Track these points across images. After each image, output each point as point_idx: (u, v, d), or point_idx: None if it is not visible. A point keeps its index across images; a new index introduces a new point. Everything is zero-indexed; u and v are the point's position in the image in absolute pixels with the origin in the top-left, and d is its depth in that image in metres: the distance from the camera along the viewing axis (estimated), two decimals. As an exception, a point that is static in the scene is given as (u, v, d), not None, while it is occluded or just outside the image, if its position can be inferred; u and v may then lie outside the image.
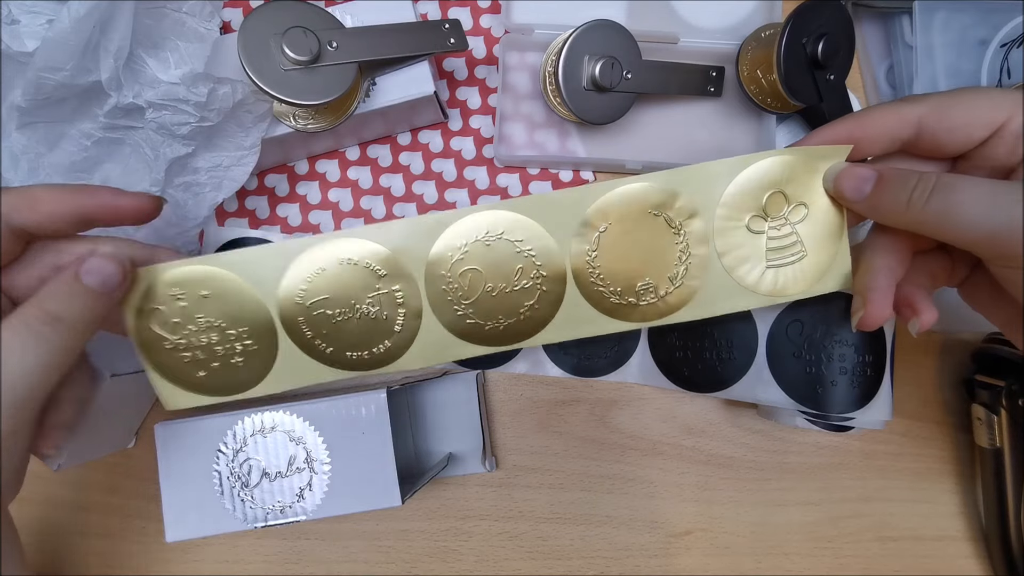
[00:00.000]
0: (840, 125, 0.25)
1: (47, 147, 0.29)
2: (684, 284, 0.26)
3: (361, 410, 0.31)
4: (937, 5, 0.36)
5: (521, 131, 0.38)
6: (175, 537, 0.30)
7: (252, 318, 0.25)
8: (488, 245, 0.25)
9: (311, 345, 0.26)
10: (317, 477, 0.30)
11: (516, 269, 0.26)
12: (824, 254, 0.27)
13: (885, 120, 0.25)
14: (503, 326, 0.26)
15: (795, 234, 0.26)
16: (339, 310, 0.25)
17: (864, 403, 0.31)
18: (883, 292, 0.25)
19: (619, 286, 0.26)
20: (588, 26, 0.33)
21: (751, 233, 0.26)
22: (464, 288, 0.26)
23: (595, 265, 0.26)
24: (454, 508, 0.37)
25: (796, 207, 0.26)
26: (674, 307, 0.27)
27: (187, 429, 0.31)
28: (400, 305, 0.26)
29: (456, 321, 0.26)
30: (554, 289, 0.26)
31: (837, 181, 0.25)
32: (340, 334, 0.26)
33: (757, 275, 0.27)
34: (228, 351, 0.26)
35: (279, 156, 0.37)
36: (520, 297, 0.26)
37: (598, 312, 0.26)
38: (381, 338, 0.26)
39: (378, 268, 0.25)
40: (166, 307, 0.25)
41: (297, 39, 0.29)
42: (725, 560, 0.37)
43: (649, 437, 0.38)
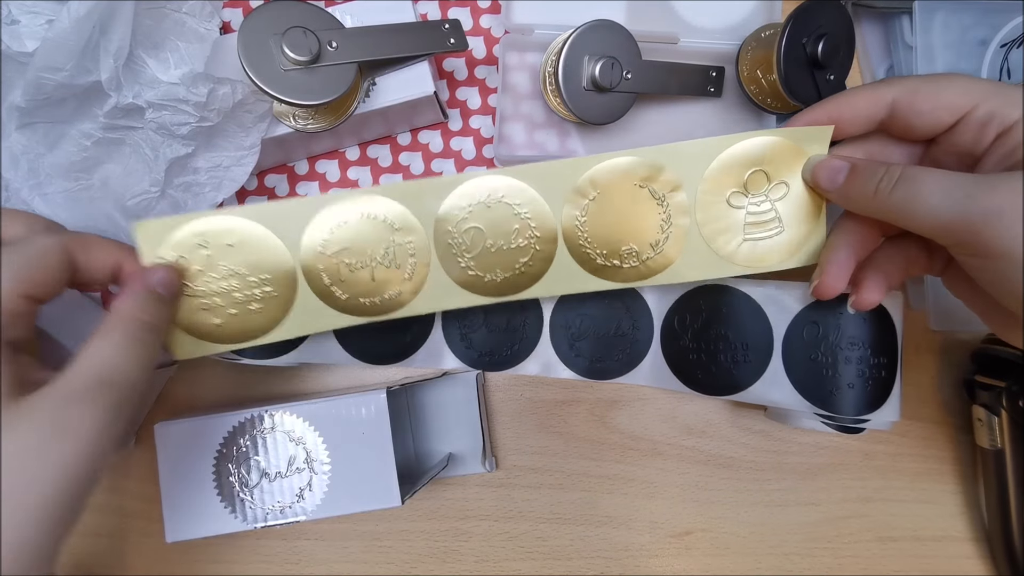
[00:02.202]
0: (822, 107, 0.27)
1: (47, 147, 0.29)
2: (665, 251, 0.29)
3: (361, 410, 0.31)
4: (937, 5, 0.36)
5: (521, 131, 0.38)
6: (175, 537, 0.30)
7: (274, 265, 0.27)
8: (489, 207, 0.28)
9: (327, 291, 0.28)
10: (317, 477, 0.30)
11: (513, 229, 0.28)
12: (801, 231, 0.29)
13: (862, 101, 0.26)
14: (500, 279, 0.29)
15: (774, 211, 0.28)
16: (356, 260, 0.28)
17: (879, 405, 0.31)
18: (840, 265, 0.27)
19: (605, 249, 0.29)
20: (588, 26, 0.33)
21: (730, 207, 0.28)
22: (467, 243, 0.28)
23: (583, 229, 0.29)
24: (454, 508, 0.37)
25: (777, 185, 0.28)
26: (654, 271, 0.29)
27: (187, 429, 0.31)
28: (411, 256, 0.28)
29: (459, 272, 0.29)
30: (546, 248, 0.29)
31: (814, 172, 0.27)
32: (356, 282, 0.28)
33: (734, 246, 0.29)
34: (247, 297, 0.27)
35: (279, 156, 0.37)
36: (516, 254, 0.29)
37: (585, 271, 0.29)
38: (393, 286, 0.28)
39: (393, 222, 0.28)
40: (189, 255, 0.26)
41: (297, 39, 0.29)
42: (725, 560, 0.37)
43: (649, 437, 0.38)
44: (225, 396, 0.37)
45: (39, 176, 0.30)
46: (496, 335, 0.36)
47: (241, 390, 0.37)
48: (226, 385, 0.37)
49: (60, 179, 0.30)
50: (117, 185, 0.31)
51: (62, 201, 0.30)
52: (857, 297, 0.28)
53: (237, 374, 0.37)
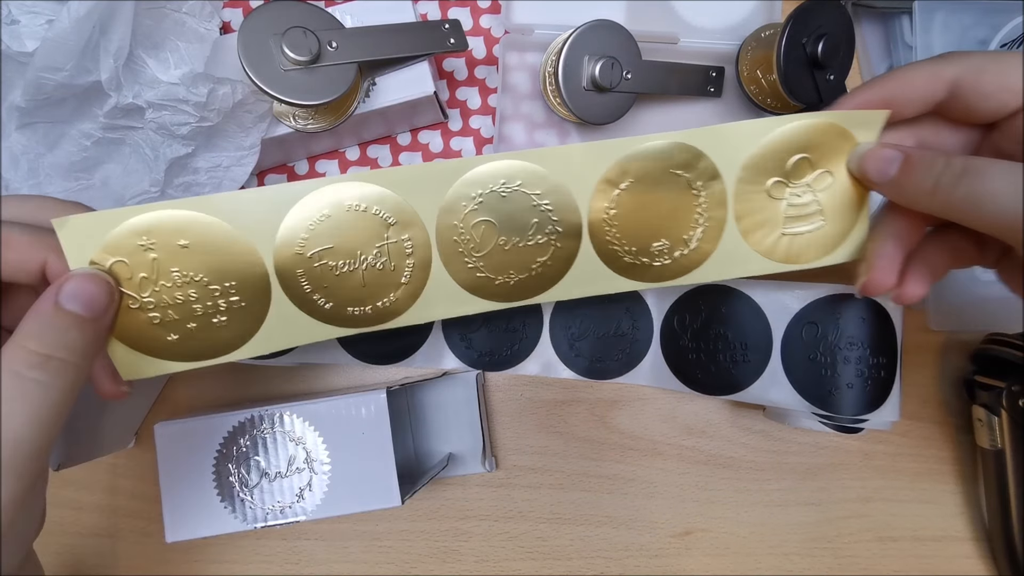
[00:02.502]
0: (874, 87, 0.24)
1: (47, 147, 0.29)
2: (699, 247, 0.26)
3: (361, 410, 0.31)
4: (937, 5, 0.36)
5: (521, 131, 0.38)
6: (175, 537, 0.30)
7: (241, 270, 0.22)
8: (504, 196, 0.24)
9: (308, 299, 0.24)
10: (317, 477, 0.30)
11: (531, 223, 0.24)
12: (843, 224, 0.26)
13: (919, 80, 0.23)
14: (513, 281, 0.25)
15: (817, 202, 0.25)
16: (343, 261, 0.23)
17: (878, 405, 0.31)
18: (890, 259, 0.25)
19: (634, 245, 0.25)
20: (588, 26, 0.33)
21: (771, 199, 0.25)
22: (476, 240, 0.24)
23: (612, 223, 0.25)
24: (454, 508, 0.37)
25: (821, 175, 0.25)
26: (686, 268, 0.26)
27: (187, 429, 0.31)
28: (409, 256, 0.24)
29: (466, 274, 0.25)
30: (568, 245, 0.25)
31: (862, 162, 0.24)
32: (342, 288, 0.24)
33: (771, 242, 0.26)
34: (209, 309, 0.23)
35: (279, 156, 0.37)
36: (533, 252, 0.25)
37: (611, 271, 0.26)
38: (387, 291, 0.24)
39: (388, 216, 0.23)
40: (131, 259, 0.21)
41: (297, 39, 0.29)
42: (725, 560, 0.37)
43: (649, 437, 0.38)
44: (225, 396, 0.37)
45: (39, 176, 0.30)
46: (496, 335, 0.36)
47: (241, 390, 0.37)
48: (226, 385, 0.37)
49: (60, 179, 0.30)
50: (117, 185, 0.31)
51: (62, 201, 0.30)
52: (901, 291, 0.25)
53: (237, 374, 0.37)
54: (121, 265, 0.21)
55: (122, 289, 0.22)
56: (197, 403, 0.37)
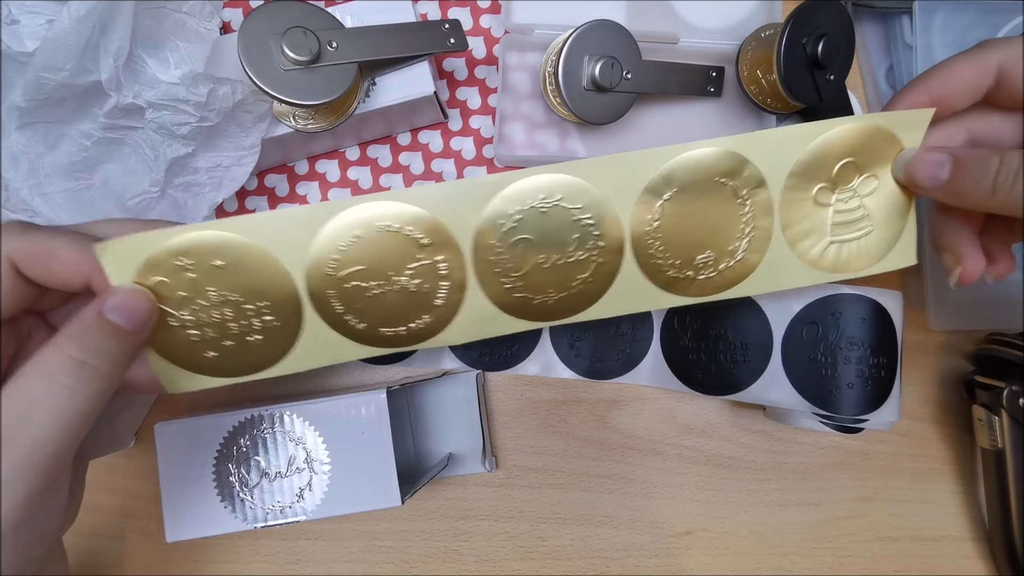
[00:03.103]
0: (921, 85, 0.24)
1: (47, 147, 0.29)
2: (745, 259, 0.25)
3: (361, 410, 0.31)
4: (937, 5, 0.36)
5: (521, 131, 0.38)
6: (175, 537, 0.30)
7: (274, 291, 0.22)
8: (543, 212, 0.23)
9: (340, 320, 0.23)
10: (317, 477, 0.30)
11: (572, 239, 0.23)
12: (890, 229, 0.25)
13: (965, 72, 0.23)
14: (552, 300, 0.24)
15: (863, 207, 0.25)
16: (375, 282, 0.23)
17: (878, 405, 0.31)
18: (972, 244, 0.25)
19: (678, 259, 0.25)
20: (588, 26, 0.33)
21: (817, 205, 0.25)
22: (515, 260, 0.23)
23: (656, 236, 0.24)
24: (454, 508, 0.37)
25: (867, 179, 0.25)
26: (732, 281, 0.25)
27: (187, 429, 0.31)
28: (443, 277, 0.23)
29: (503, 294, 0.24)
30: (610, 261, 0.24)
31: (909, 169, 0.23)
32: (375, 308, 0.23)
33: (819, 250, 0.25)
34: (244, 328, 0.23)
35: (279, 156, 0.37)
36: (574, 269, 0.24)
37: (653, 285, 0.25)
38: (420, 312, 0.24)
39: (420, 236, 0.23)
40: (171, 279, 0.22)
41: (297, 39, 0.29)
42: (725, 560, 0.37)
43: (649, 437, 0.38)
44: (225, 396, 0.37)
45: (39, 176, 0.30)
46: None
47: (241, 390, 0.37)
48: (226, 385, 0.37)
49: (60, 179, 0.30)
50: (117, 185, 0.31)
51: (62, 201, 0.30)
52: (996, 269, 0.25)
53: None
54: (162, 284, 0.22)
55: (163, 307, 0.22)
56: (197, 403, 0.37)
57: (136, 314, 0.20)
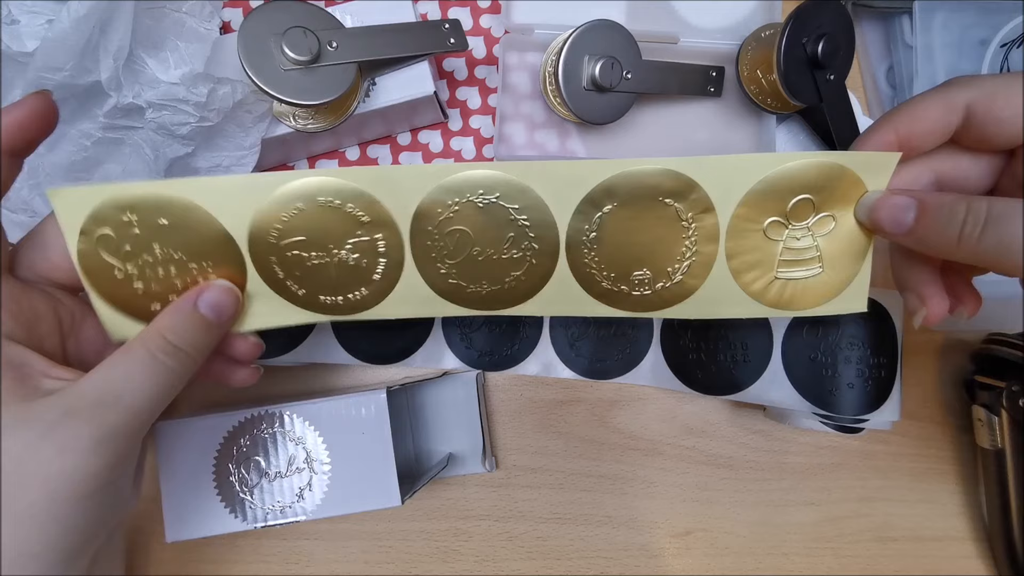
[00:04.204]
0: (886, 125, 0.23)
1: (47, 147, 0.29)
2: (683, 281, 0.24)
3: (361, 410, 0.31)
4: (937, 5, 0.36)
5: (521, 131, 0.38)
6: (175, 537, 0.30)
7: (218, 252, 0.23)
8: (480, 207, 0.23)
9: (282, 285, 0.24)
10: (317, 477, 0.30)
11: (507, 237, 0.24)
12: (842, 273, 0.24)
13: (934, 111, 0.22)
14: (485, 291, 0.25)
15: (816, 247, 0.24)
16: (315, 253, 0.24)
17: (879, 404, 0.31)
18: (935, 285, 0.24)
19: (613, 272, 0.24)
20: (588, 26, 0.33)
21: (767, 239, 0.24)
22: (449, 248, 0.24)
23: (592, 247, 0.24)
24: (454, 508, 0.37)
25: (823, 218, 0.24)
26: (667, 302, 0.25)
27: (187, 429, 0.31)
28: (381, 255, 0.24)
29: (438, 278, 0.25)
30: (544, 263, 0.24)
31: (873, 212, 0.22)
32: (315, 277, 0.24)
33: (763, 284, 0.24)
34: (188, 284, 0.24)
35: (279, 156, 0.37)
36: (507, 266, 0.24)
37: (587, 294, 0.25)
38: (358, 285, 0.24)
39: (361, 214, 0.23)
40: (116, 232, 0.22)
41: (297, 39, 0.29)
42: (725, 560, 0.37)
43: (649, 437, 0.38)
44: (225, 396, 0.37)
45: (39, 176, 0.30)
46: (496, 335, 0.36)
47: (241, 390, 0.37)
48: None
49: (60, 179, 0.30)
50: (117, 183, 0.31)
51: (62, 201, 0.30)
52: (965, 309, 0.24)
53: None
54: (107, 237, 0.23)
55: (108, 259, 0.23)
56: (197, 403, 0.37)
57: (224, 310, 0.23)
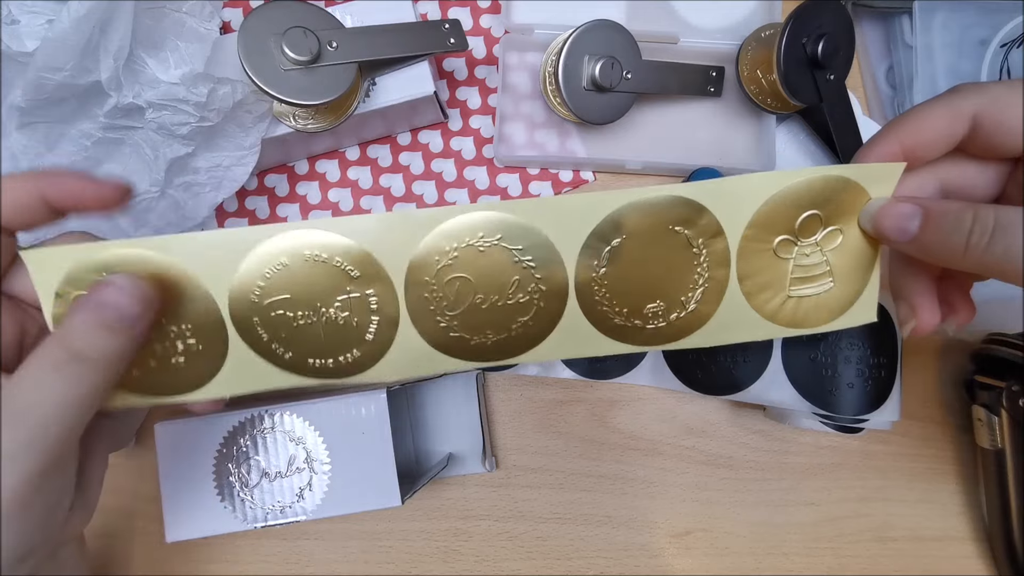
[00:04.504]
0: (889, 136, 0.22)
1: (47, 147, 0.29)
2: (697, 310, 0.23)
3: (361, 410, 0.31)
4: (937, 5, 0.36)
5: (521, 131, 0.38)
6: (175, 537, 0.30)
7: (197, 314, 0.22)
8: (482, 251, 0.22)
9: (267, 349, 0.22)
10: (317, 477, 0.30)
11: (512, 281, 0.22)
12: (852, 286, 0.24)
13: (939, 120, 0.22)
14: (491, 341, 0.23)
15: (826, 262, 0.23)
16: (301, 312, 0.22)
17: (879, 404, 0.31)
18: (929, 295, 0.24)
19: (626, 307, 0.23)
20: (588, 26, 0.33)
21: (777, 258, 0.23)
22: (450, 298, 0.22)
23: (602, 283, 0.23)
24: (454, 508, 0.37)
25: (831, 232, 0.23)
26: (683, 332, 0.24)
27: (187, 429, 0.31)
28: (374, 312, 0.22)
29: (438, 333, 0.23)
30: (552, 306, 0.23)
31: (877, 220, 0.22)
32: (302, 339, 0.22)
33: (777, 304, 0.24)
34: (168, 349, 0.22)
35: (279, 156, 0.37)
36: (513, 312, 0.23)
37: (599, 332, 0.23)
38: (349, 347, 0.23)
39: (350, 268, 0.22)
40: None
41: (297, 39, 0.29)
42: (725, 560, 0.37)
43: (649, 437, 0.38)
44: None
45: (39, 176, 0.30)
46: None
47: (241, 390, 0.37)
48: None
49: (60, 179, 0.30)
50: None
51: (62, 201, 0.30)
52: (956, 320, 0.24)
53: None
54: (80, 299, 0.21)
55: None
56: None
57: (123, 310, 0.21)
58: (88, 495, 0.24)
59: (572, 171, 0.38)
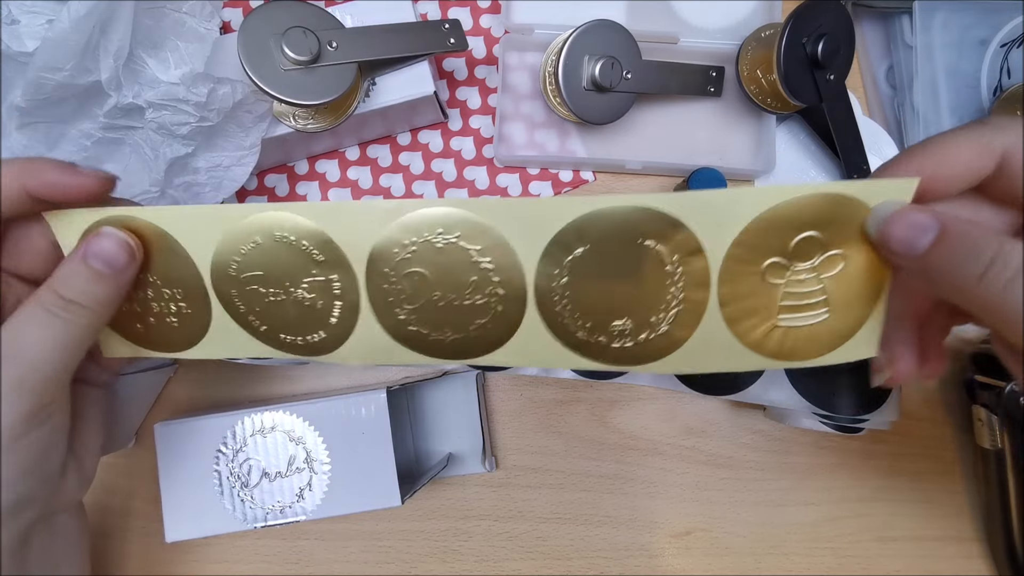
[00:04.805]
0: (909, 162, 0.20)
1: (47, 147, 0.29)
2: (669, 332, 0.21)
3: (361, 410, 0.31)
4: (937, 5, 0.36)
5: (521, 131, 0.38)
6: (175, 537, 0.30)
7: (185, 281, 0.23)
8: (439, 248, 0.21)
9: (245, 320, 0.24)
10: (317, 477, 0.30)
11: (469, 281, 0.21)
12: (850, 317, 0.21)
13: (967, 152, 0.19)
14: (449, 339, 0.22)
15: (822, 291, 0.21)
16: (272, 290, 0.23)
17: (879, 404, 0.31)
18: (909, 344, 0.21)
19: (589, 321, 0.22)
20: (588, 26, 0.33)
21: (765, 282, 0.21)
22: (408, 292, 0.22)
23: (563, 293, 0.21)
24: (454, 508, 0.37)
25: (830, 257, 0.20)
26: (652, 356, 0.22)
27: (187, 429, 0.31)
28: (337, 297, 0.22)
29: (397, 325, 0.22)
30: (512, 310, 0.22)
31: (886, 226, 0.19)
32: (274, 314, 0.23)
33: (762, 333, 0.21)
34: (163, 309, 0.24)
35: (279, 156, 0.37)
36: (471, 313, 0.22)
37: (561, 345, 0.22)
38: (316, 327, 0.23)
39: (315, 252, 0.22)
40: None
41: (297, 39, 0.29)
42: (725, 560, 0.37)
43: (649, 437, 0.38)
44: (225, 396, 0.37)
45: (39, 176, 0.30)
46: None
47: (241, 390, 0.37)
48: (226, 385, 0.37)
49: (60, 179, 0.30)
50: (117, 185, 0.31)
51: (62, 201, 0.30)
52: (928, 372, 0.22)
53: (237, 374, 0.37)
54: None
55: None
56: (197, 403, 0.37)
57: (113, 259, 0.22)
58: (83, 463, 0.25)
59: (572, 171, 0.38)
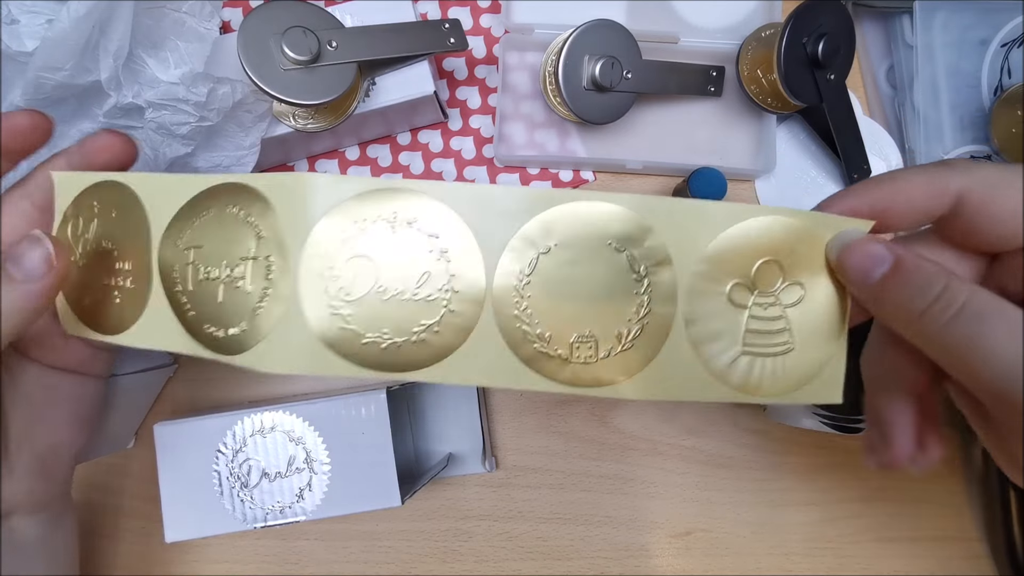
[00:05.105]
0: (865, 192, 0.20)
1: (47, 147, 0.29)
2: (634, 348, 0.20)
3: (361, 410, 0.31)
4: (937, 5, 0.36)
5: (521, 131, 0.38)
6: (175, 537, 0.30)
7: (136, 249, 0.21)
8: (394, 229, 0.19)
9: (178, 302, 0.21)
10: (317, 477, 0.30)
11: (421, 272, 0.19)
12: (815, 353, 0.20)
13: (919, 190, 0.19)
14: (385, 344, 0.19)
15: (784, 319, 0.20)
16: (209, 267, 0.20)
17: None
18: (907, 426, 0.20)
19: (549, 330, 0.19)
20: (588, 26, 0.33)
21: (731, 305, 0.20)
22: (348, 279, 0.19)
23: (525, 295, 0.19)
24: (454, 508, 0.37)
25: (790, 286, 0.20)
26: (612, 378, 0.20)
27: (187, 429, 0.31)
28: (268, 281, 0.19)
29: (326, 321, 0.19)
30: (465, 312, 0.19)
31: (843, 254, 0.19)
32: (203, 298, 0.20)
33: (728, 359, 0.20)
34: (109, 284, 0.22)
35: (279, 156, 0.37)
36: (418, 311, 0.19)
37: (514, 356, 0.19)
38: (238, 318, 0.20)
39: (259, 227, 0.19)
40: (83, 220, 0.22)
41: (297, 39, 0.29)
42: (725, 560, 0.37)
43: (649, 437, 0.38)
44: (225, 396, 0.37)
45: (39, 176, 0.30)
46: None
47: (241, 390, 0.37)
48: (226, 385, 0.37)
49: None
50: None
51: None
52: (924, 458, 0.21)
53: (237, 374, 0.37)
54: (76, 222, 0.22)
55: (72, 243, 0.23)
56: (197, 403, 0.37)
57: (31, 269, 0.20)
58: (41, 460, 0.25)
59: (572, 171, 0.38)
